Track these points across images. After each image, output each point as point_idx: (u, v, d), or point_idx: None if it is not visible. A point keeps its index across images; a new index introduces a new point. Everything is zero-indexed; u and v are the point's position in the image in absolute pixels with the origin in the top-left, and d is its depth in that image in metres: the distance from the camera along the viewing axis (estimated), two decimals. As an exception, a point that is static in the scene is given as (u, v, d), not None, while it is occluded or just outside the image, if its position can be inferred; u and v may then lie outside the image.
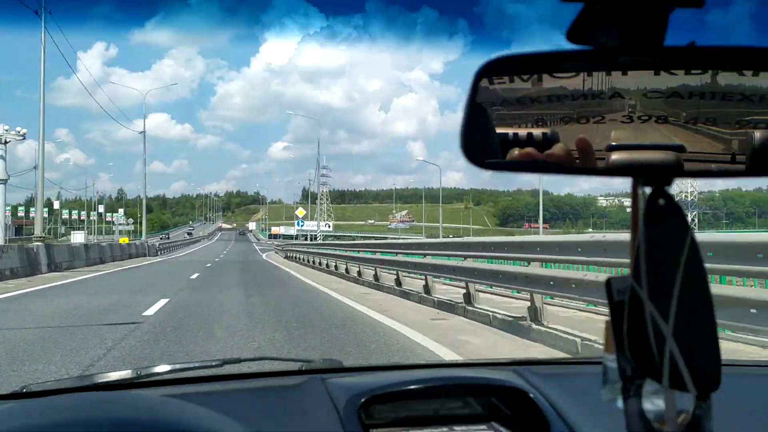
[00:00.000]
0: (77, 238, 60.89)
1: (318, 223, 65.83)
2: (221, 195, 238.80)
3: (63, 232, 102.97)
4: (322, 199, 72.36)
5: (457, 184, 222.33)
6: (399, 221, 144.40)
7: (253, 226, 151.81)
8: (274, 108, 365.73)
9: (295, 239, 63.29)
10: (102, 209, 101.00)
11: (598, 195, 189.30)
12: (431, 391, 1.19)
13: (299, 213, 57.60)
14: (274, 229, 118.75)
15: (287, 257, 35.76)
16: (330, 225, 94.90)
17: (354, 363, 3.74)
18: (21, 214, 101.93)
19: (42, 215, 24.16)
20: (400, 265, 11.33)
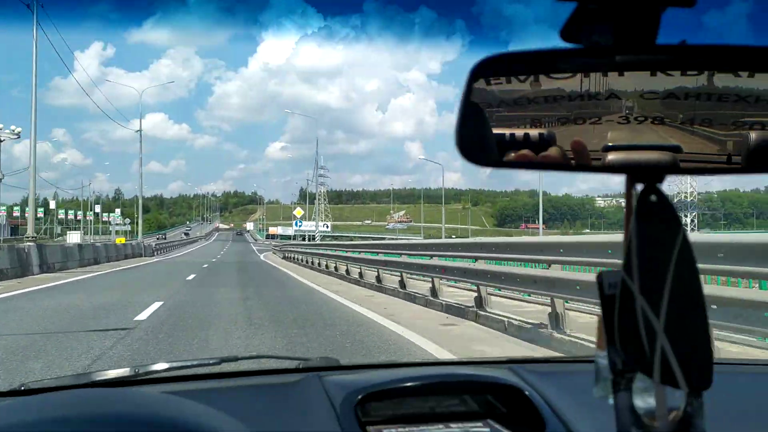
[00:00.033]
0: (73, 238, 60.41)
1: (317, 223, 65.33)
2: (218, 195, 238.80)
3: (59, 232, 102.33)
4: (319, 199, 71.89)
5: (455, 184, 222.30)
6: (397, 221, 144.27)
7: (251, 226, 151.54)
8: (271, 108, 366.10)
9: (293, 239, 62.72)
10: (99, 209, 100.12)
11: (595, 195, 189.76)
12: (428, 389, 1.19)
13: (297, 213, 57.13)
14: (271, 230, 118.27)
15: (285, 258, 35.26)
16: (328, 225, 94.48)
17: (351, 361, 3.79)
18: (17, 213, 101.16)
19: (34, 215, 23.55)
20: (405, 267, 10.86)
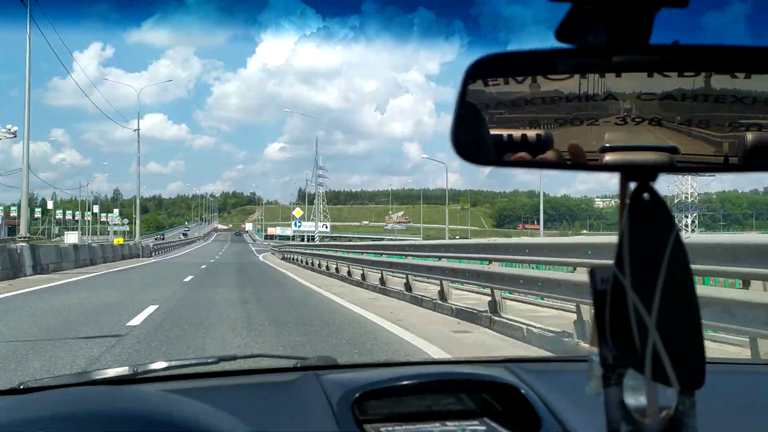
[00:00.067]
0: (71, 238, 59.94)
1: (316, 224, 64.81)
2: (217, 196, 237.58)
3: (57, 232, 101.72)
4: (319, 200, 71.35)
5: (453, 185, 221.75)
6: (395, 222, 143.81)
7: (250, 227, 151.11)
8: (270, 109, 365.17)
9: (292, 240, 62.19)
10: (97, 209, 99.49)
11: (594, 196, 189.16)
12: (425, 387, 1.19)
13: (297, 213, 56.60)
14: (270, 230, 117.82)
15: (284, 258, 34.78)
16: (327, 226, 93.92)
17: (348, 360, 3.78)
18: (14, 214, 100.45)
19: (27, 214, 23.02)
20: (411, 269, 10.40)
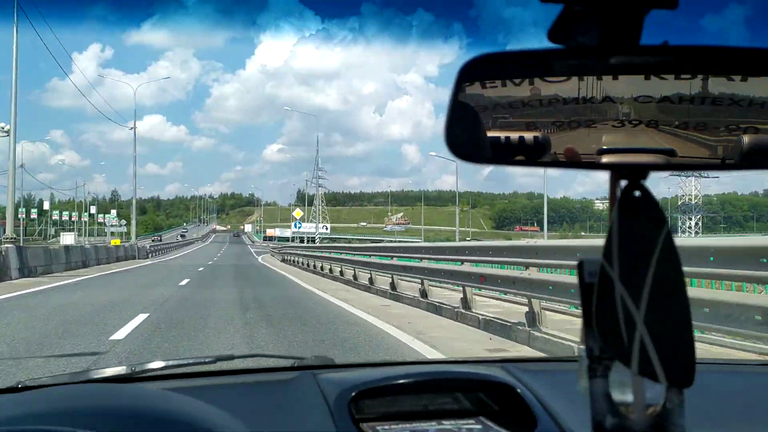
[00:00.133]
0: (67, 239, 58.97)
1: (317, 225, 63.78)
2: (216, 197, 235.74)
3: (53, 233, 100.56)
4: (319, 200, 70.36)
5: (452, 186, 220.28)
6: (395, 223, 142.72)
7: (249, 228, 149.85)
8: (269, 110, 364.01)
9: (291, 241, 61.18)
10: (94, 210, 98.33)
11: (594, 198, 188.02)
12: (421, 386, 1.19)
13: (297, 214, 55.61)
14: (269, 231, 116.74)
15: (284, 260, 33.81)
16: (328, 227, 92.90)
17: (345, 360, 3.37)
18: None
19: (12, 213, 21.99)
20: (428, 274, 9.44)
